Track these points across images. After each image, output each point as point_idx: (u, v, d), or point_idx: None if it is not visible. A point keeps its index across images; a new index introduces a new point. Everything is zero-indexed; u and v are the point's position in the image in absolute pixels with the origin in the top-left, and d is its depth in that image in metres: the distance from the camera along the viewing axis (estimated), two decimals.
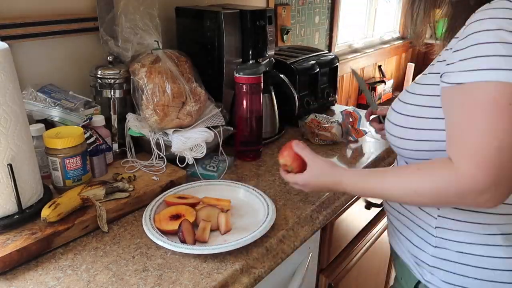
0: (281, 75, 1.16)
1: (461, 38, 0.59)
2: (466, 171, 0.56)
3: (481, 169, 0.54)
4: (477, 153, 0.55)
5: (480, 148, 0.55)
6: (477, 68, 0.56)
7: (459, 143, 0.58)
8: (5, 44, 0.71)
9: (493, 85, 0.55)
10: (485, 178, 0.54)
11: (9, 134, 0.71)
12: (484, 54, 0.55)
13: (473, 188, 0.56)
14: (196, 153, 0.96)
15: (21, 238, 0.70)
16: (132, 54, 1.03)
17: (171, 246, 0.70)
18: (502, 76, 0.54)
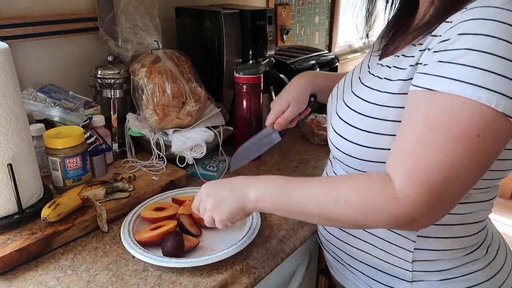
0: (281, 75, 1.16)
1: (445, 39, 0.49)
2: (407, 195, 0.49)
3: (423, 197, 0.49)
4: (424, 178, 0.48)
5: (429, 174, 0.48)
6: (459, 77, 0.46)
7: (407, 159, 0.50)
8: (5, 44, 0.71)
9: (469, 105, 0.46)
10: (423, 207, 0.49)
11: (9, 134, 0.71)
12: (474, 64, 0.46)
13: (407, 214, 0.50)
14: (196, 153, 0.96)
15: (21, 238, 0.70)
16: (132, 54, 1.03)
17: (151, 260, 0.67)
18: (484, 97, 0.45)
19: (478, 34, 0.46)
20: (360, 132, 0.60)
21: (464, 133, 0.47)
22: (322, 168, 1.07)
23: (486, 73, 0.45)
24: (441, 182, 0.48)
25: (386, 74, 0.60)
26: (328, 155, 1.14)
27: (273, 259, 0.75)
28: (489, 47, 0.45)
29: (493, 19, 0.46)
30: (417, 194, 0.49)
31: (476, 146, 0.47)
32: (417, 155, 0.49)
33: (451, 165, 0.47)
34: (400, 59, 0.59)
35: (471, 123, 0.46)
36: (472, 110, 0.46)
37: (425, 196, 0.48)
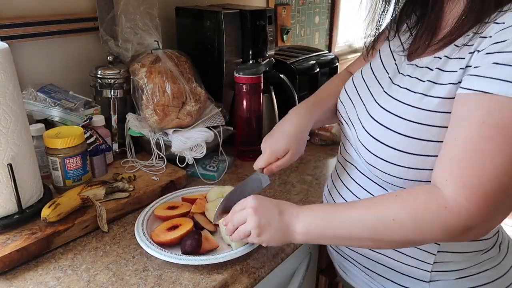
0: (281, 75, 1.16)
1: (499, 40, 0.48)
2: (459, 203, 0.48)
3: (477, 205, 0.47)
4: (479, 184, 0.47)
5: (485, 180, 0.46)
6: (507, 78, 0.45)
7: (460, 165, 0.48)
8: (5, 44, 0.71)
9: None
10: (479, 215, 0.47)
11: (9, 134, 0.71)
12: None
13: (462, 224, 0.48)
14: (196, 153, 0.96)
15: (21, 238, 0.70)
16: (132, 54, 1.03)
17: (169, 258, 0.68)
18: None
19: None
20: (404, 137, 0.57)
21: None
22: (322, 168, 1.07)
23: None
24: (497, 189, 0.46)
25: (428, 76, 0.57)
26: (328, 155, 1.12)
27: (273, 259, 0.75)
28: None
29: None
30: (473, 203, 0.47)
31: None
32: (472, 161, 0.47)
33: (509, 171, 0.46)
34: (443, 60, 0.56)
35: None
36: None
37: (481, 204, 0.47)
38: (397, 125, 0.58)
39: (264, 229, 0.61)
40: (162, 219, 0.79)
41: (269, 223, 0.61)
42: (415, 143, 0.56)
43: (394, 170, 0.58)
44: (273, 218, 0.61)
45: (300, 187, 0.96)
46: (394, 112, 0.59)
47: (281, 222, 0.61)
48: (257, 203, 0.62)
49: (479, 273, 0.64)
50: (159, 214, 0.80)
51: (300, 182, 0.98)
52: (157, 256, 0.68)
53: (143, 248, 0.71)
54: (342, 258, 0.76)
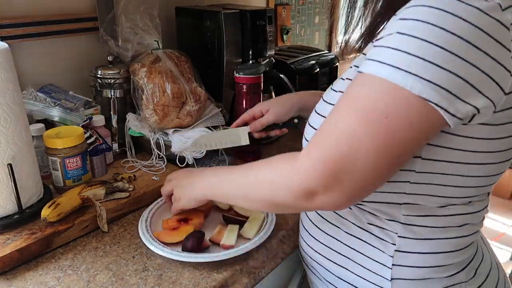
0: (281, 75, 1.16)
1: (386, 27, 0.49)
2: (302, 162, 0.49)
3: (315, 168, 0.48)
4: (320, 146, 0.48)
5: (327, 143, 0.48)
6: (381, 59, 0.46)
7: (316, 134, 0.50)
8: (5, 44, 0.71)
9: (383, 86, 0.45)
10: (316, 177, 0.48)
11: (9, 134, 0.71)
12: (396, 46, 0.45)
13: (302, 184, 0.49)
14: (196, 153, 0.96)
15: (21, 238, 0.70)
16: (132, 54, 1.03)
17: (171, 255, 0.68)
18: (399, 78, 0.44)
19: (407, 19, 0.45)
20: None
21: (371, 110, 0.46)
22: None
23: (405, 55, 0.44)
24: (336, 154, 0.46)
25: (347, 74, 0.58)
26: None
27: (273, 259, 0.75)
28: (415, 31, 0.44)
29: (426, 5, 0.44)
30: (311, 163, 0.48)
31: (381, 126, 0.45)
32: (323, 127, 0.50)
33: (350, 139, 0.46)
34: (360, 57, 0.57)
35: (381, 103, 0.45)
36: (384, 90, 0.45)
37: (318, 165, 0.47)
38: (319, 122, 0.59)
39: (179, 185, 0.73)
40: None
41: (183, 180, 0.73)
42: None
43: None
44: (186, 175, 0.73)
45: None
46: (320, 113, 0.62)
47: (191, 179, 0.72)
48: (177, 172, 0.76)
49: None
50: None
51: None
52: (160, 253, 0.69)
53: (144, 242, 0.71)
54: (313, 275, 0.74)
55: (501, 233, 2.64)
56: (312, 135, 0.58)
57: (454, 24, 0.43)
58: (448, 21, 0.43)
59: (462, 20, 0.43)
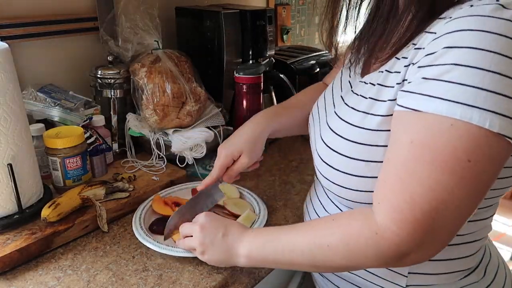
0: (281, 75, 1.16)
1: (429, 52, 0.45)
2: (389, 228, 0.45)
3: (407, 230, 0.44)
4: (408, 209, 0.44)
5: (414, 204, 0.44)
6: (446, 96, 0.42)
7: (391, 188, 0.46)
8: (5, 44, 0.71)
9: (460, 127, 0.41)
10: (409, 241, 0.45)
11: (9, 134, 0.71)
12: (463, 81, 0.41)
13: (394, 250, 0.46)
14: (196, 153, 0.96)
15: (21, 238, 0.70)
16: (132, 54, 1.03)
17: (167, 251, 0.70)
18: (475, 117, 0.40)
19: (465, 47, 0.41)
20: (349, 160, 0.54)
21: (452, 158, 0.42)
22: None
23: (476, 90, 0.40)
24: (428, 214, 0.43)
25: (371, 93, 0.54)
26: None
27: None
28: (478, 61, 0.40)
29: (481, 30, 0.41)
30: (402, 228, 0.45)
31: (467, 172, 0.42)
32: (400, 184, 0.45)
33: (439, 195, 0.43)
34: (384, 75, 0.53)
35: (460, 147, 0.41)
36: (461, 133, 0.41)
37: (411, 229, 0.44)
38: (341, 146, 0.55)
39: (207, 248, 0.62)
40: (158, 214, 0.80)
41: (212, 243, 0.61)
42: (362, 164, 0.53)
43: (348, 194, 0.56)
44: (216, 239, 0.61)
45: (300, 187, 0.96)
46: (339, 133, 0.56)
47: (224, 244, 0.61)
48: (206, 221, 0.63)
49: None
50: (159, 212, 0.80)
51: (300, 182, 0.98)
52: (155, 249, 0.69)
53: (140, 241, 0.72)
54: (323, 280, 0.72)
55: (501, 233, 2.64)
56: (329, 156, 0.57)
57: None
58: (508, 46, 0.40)
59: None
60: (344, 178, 0.55)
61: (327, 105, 0.66)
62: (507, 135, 0.41)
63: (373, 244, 0.47)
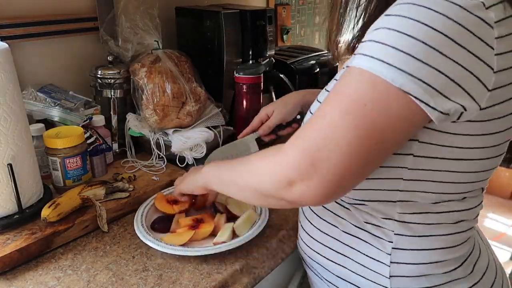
0: (281, 75, 1.16)
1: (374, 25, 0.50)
2: (283, 153, 0.51)
3: (293, 154, 0.49)
4: (301, 136, 0.50)
5: (307, 132, 0.49)
6: (364, 52, 0.47)
7: (302, 126, 0.53)
8: (5, 44, 0.71)
9: (365, 76, 0.46)
10: (294, 165, 0.49)
11: (9, 134, 0.71)
12: (381, 40, 0.46)
13: (280, 171, 0.50)
14: (196, 153, 0.97)
15: (21, 238, 0.70)
16: (132, 54, 1.03)
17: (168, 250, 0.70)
18: (382, 70, 0.45)
19: (392, 15, 0.46)
20: None
21: (350, 99, 0.46)
22: None
23: (389, 48, 0.45)
24: (313, 143, 0.47)
25: (340, 74, 0.58)
26: None
27: (273, 259, 0.75)
28: (400, 26, 0.45)
29: (411, 3, 0.45)
30: (291, 149, 0.50)
31: (359, 114, 0.46)
32: (309, 120, 0.50)
33: (328, 129, 0.47)
34: (352, 57, 0.57)
35: (360, 92, 0.46)
36: (365, 81, 0.46)
37: (296, 152, 0.49)
38: None
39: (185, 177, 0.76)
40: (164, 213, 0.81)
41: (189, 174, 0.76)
42: None
43: None
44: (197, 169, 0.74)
45: None
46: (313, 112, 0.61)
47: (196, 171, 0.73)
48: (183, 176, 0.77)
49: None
50: (161, 209, 0.81)
51: None
52: (157, 248, 0.70)
53: (141, 239, 0.72)
54: (314, 275, 0.74)
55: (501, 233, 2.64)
56: None
57: (438, 21, 0.43)
58: (432, 18, 0.44)
59: (446, 18, 0.43)
60: None
61: None
62: (409, 93, 0.44)
63: (270, 162, 0.53)
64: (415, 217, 0.57)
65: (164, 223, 0.77)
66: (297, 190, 0.49)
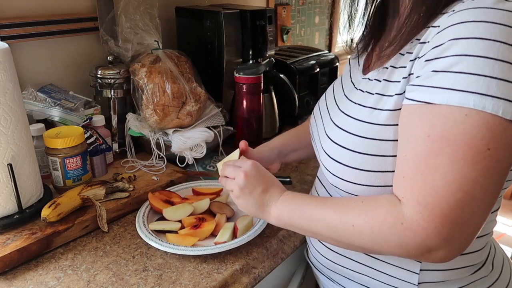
0: (281, 75, 1.16)
1: (435, 45, 0.46)
2: (415, 221, 0.45)
3: (434, 224, 0.44)
4: (434, 203, 0.44)
5: (439, 197, 0.44)
6: (458, 87, 0.43)
7: (413, 183, 0.46)
8: (5, 44, 0.71)
9: (474, 117, 0.42)
10: (436, 235, 0.44)
11: (9, 134, 0.71)
12: (472, 71, 0.42)
13: (419, 243, 0.45)
14: (196, 153, 0.96)
15: (21, 238, 0.70)
16: (132, 54, 1.03)
17: (166, 248, 0.70)
18: (489, 105, 0.41)
19: (471, 37, 0.42)
20: (359, 155, 0.54)
21: (471, 148, 0.42)
22: None
23: (488, 79, 0.41)
24: (454, 206, 0.43)
25: (377, 88, 0.55)
26: None
27: (273, 259, 0.75)
28: (486, 51, 0.42)
29: (484, 21, 0.42)
30: (428, 221, 0.44)
31: (488, 160, 0.42)
32: (423, 178, 0.45)
33: (464, 186, 0.43)
34: (389, 71, 0.54)
35: (478, 136, 0.42)
36: (477, 122, 0.42)
37: (439, 223, 0.44)
38: (350, 142, 0.56)
39: (244, 196, 0.63)
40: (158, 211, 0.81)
41: (250, 193, 0.62)
42: (371, 159, 0.53)
43: (356, 189, 0.56)
44: (255, 191, 0.62)
45: (300, 187, 0.96)
46: (347, 129, 0.57)
47: (260, 199, 0.62)
48: (251, 170, 0.63)
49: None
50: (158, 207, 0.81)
51: (300, 182, 0.98)
52: (159, 247, 0.70)
53: (143, 238, 0.72)
54: (327, 280, 0.73)
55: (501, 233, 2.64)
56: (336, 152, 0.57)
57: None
58: None
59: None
60: (352, 173, 0.55)
61: (329, 105, 0.67)
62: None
63: (397, 233, 0.47)
64: None
65: None
66: (438, 255, 0.46)
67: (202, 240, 0.74)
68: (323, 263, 0.70)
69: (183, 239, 0.73)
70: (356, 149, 0.55)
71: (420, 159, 0.46)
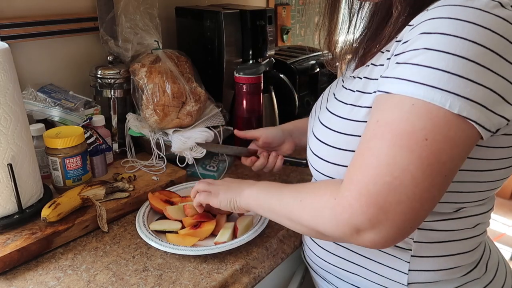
0: (281, 75, 1.16)
1: (405, 40, 0.47)
2: (345, 197, 0.47)
3: (360, 202, 0.45)
4: (362, 181, 0.45)
5: (368, 177, 0.45)
6: (411, 78, 0.44)
7: (352, 163, 0.48)
8: (5, 44, 0.71)
9: (420, 107, 0.43)
10: (361, 213, 0.45)
11: (9, 134, 0.71)
12: (429, 64, 0.43)
13: (347, 220, 0.46)
14: (196, 153, 0.96)
15: (21, 238, 0.70)
16: (132, 54, 1.03)
17: (167, 248, 0.70)
18: (437, 97, 0.42)
19: (434, 33, 0.43)
20: (339, 151, 0.56)
21: (409, 136, 0.43)
22: None
23: (441, 73, 0.42)
24: (380, 188, 0.44)
25: (358, 86, 0.56)
26: None
27: (273, 259, 0.75)
28: (444, 45, 0.42)
29: (451, 17, 0.43)
30: (355, 198, 0.45)
31: (423, 150, 0.42)
32: (360, 159, 0.47)
33: (394, 171, 0.43)
34: (370, 68, 0.55)
35: (418, 126, 0.43)
36: (421, 112, 0.43)
37: (363, 201, 0.45)
38: (330, 138, 0.57)
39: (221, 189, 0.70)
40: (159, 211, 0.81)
41: (227, 187, 0.70)
42: (350, 155, 0.53)
43: None
44: (232, 183, 0.71)
45: None
46: (329, 126, 0.58)
47: (236, 185, 0.69)
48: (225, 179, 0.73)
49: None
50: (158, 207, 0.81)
51: (300, 182, 0.98)
52: (160, 248, 0.70)
53: (143, 238, 0.72)
54: (322, 281, 0.74)
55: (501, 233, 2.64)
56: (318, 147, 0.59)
57: (481, 35, 0.42)
58: (476, 33, 0.42)
59: (488, 31, 0.42)
60: (333, 169, 0.57)
61: (322, 102, 0.69)
62: (468, 117, 0.42)
63: (329, 207, 0.49)
64: (436, 224, 0.57)
65: None
66: (366, 237, 0.47)
67: (202, 240, 0.74)
68: (317, 263, 0.71)
69: (183, 239, 0.73)
70: (336, 145, 0.56)
71: (364, 142, 0.48)
